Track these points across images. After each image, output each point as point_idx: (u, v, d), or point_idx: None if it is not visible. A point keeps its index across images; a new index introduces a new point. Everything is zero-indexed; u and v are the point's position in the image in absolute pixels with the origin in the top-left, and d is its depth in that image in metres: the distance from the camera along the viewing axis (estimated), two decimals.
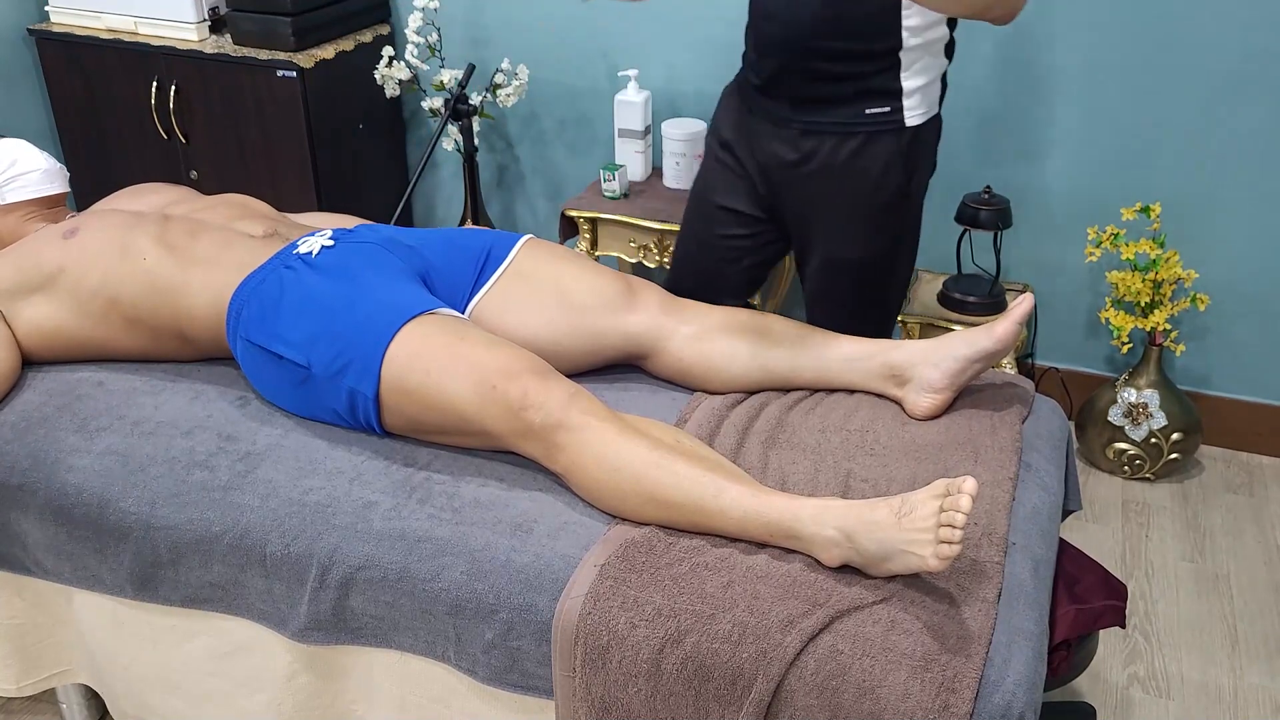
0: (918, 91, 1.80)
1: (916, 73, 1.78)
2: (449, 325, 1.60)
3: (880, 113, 1.79)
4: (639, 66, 2.86)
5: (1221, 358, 2.67)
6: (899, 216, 1.89)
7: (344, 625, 1.50)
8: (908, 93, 1.79)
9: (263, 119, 2.87)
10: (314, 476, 1.57)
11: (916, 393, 1.70)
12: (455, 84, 2.80)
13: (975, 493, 1.27)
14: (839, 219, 1.89)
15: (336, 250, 1.71)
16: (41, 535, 1.63)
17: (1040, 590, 1.44)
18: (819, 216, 1.90)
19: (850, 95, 1.78)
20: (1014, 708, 1.26)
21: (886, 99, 1.78)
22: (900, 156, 1.82)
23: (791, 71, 1.81)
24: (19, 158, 1.92)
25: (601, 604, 1.36)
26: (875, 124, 1.80)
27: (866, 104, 1.79)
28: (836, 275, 1.95)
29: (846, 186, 1.85)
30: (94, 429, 1.67)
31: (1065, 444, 1.77)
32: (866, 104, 1.79)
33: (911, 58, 1.77)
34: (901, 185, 1.85)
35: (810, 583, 1.37)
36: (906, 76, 1.78)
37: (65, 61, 3.02)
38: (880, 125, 1.80)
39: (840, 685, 1.27)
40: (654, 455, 1.45)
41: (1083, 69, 2.50)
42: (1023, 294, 1.68)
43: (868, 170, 1.83)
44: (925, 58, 1.78)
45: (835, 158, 1.83)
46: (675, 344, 1.76)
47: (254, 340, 1.66)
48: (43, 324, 1.76)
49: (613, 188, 2.74)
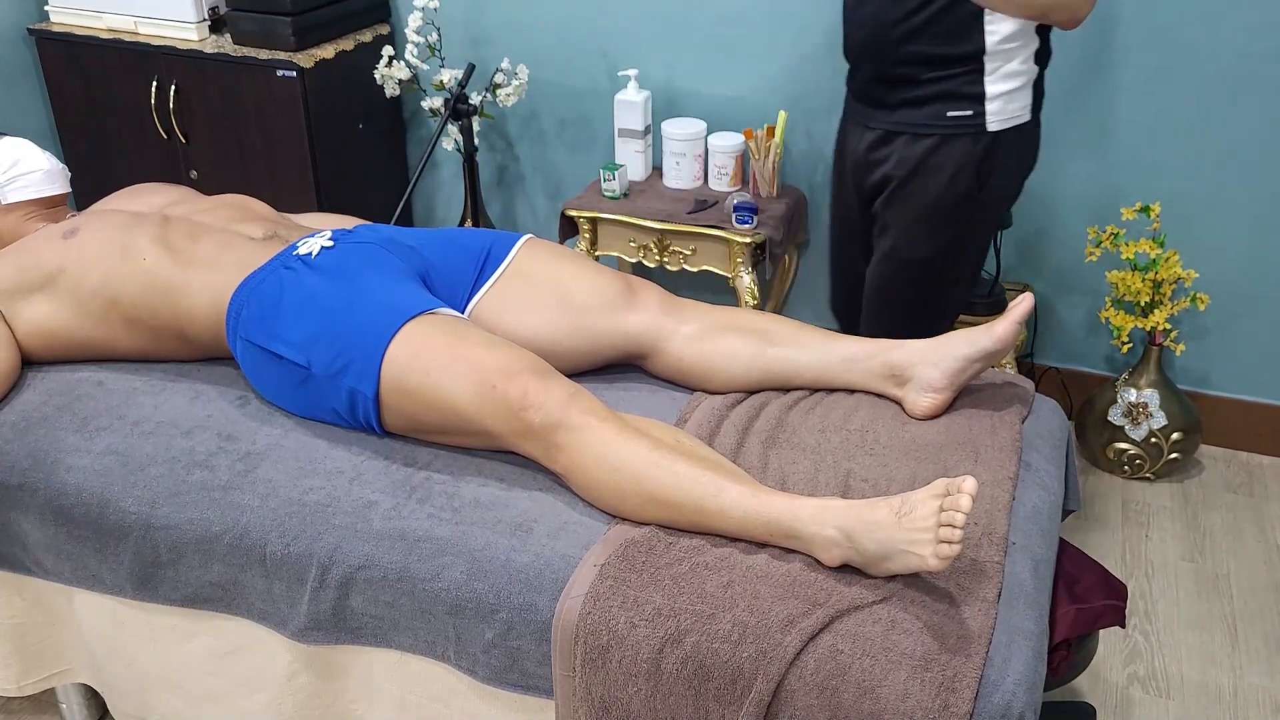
0: (1001, 96, 1.82)
1: (1001, 78, 1.80)
2: (449, 325, 1.60)
3: (961, 116, 1.83)
4: (639, 66, 2.86)
5: (1221, 358, 2.67)
6: (965, 220, 1.91)
7: (344, 625, 1.50)
8: (990, 97, 1.81)
9: (263, 119, 2.87)
10: (314, 476, 1.57)
11: (916, 392, 1.70)
12: (455, 84, 2.80)
13: (975, 492, 1.27)
14: (906, 217, 1.93)
15: (336, 251, 1.71)
16: (41, 535, 1.63)
17: (1040, 590, 1.44)
18: (890, 213, 1.95)
19: (933, 98, 1.84)
20: (1014, 707, 1.26)
21: (969, 102, 1.82)
22: (975, 160, 1.85)
23: (878, 76, 1.89)
24: (21, 157, 1.92)
25: (601, 604, 1.36)
26: (955, 126, 1.84)
27: (948, 106, 1.83)
28: (896, 272, 1.98)
29: (918, 185, 1.89)
30: (94, 429, 1.67)
31: (1065, 444, 1.77)
32: (948, 106, 1.83)
33: (996, 62, 1.79)
34: (972, 189, 1.87)
35: (810, 582, 1.37)
36: (990, 81, 1.80)
37: (65, 61, 3.03)
38: (960, 128, 1.84)
39: (840, 685, 1.27)
40: (654, 455, 1.45)
41: (1083, 69, 2.49)
42: (1023, 294, 1.68)
43: (940, 170, 1.87)
44: (1011, 63, 1.80)
45: (911, 155, 1.88)
46: (675, 344, 1.76)
47: (254, 340, 1.66)
48: (43, 324, 1.76)
49: (613, 187, 2.74)
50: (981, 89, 1.81)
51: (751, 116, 2.81)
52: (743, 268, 2.63)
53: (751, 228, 2.59)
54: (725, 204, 2.68)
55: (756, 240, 2.59)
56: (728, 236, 2.60)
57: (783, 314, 2.75)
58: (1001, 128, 1.84)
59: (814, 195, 2.86)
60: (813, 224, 2.90)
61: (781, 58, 2.74)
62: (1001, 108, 1.83)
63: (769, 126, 2.67)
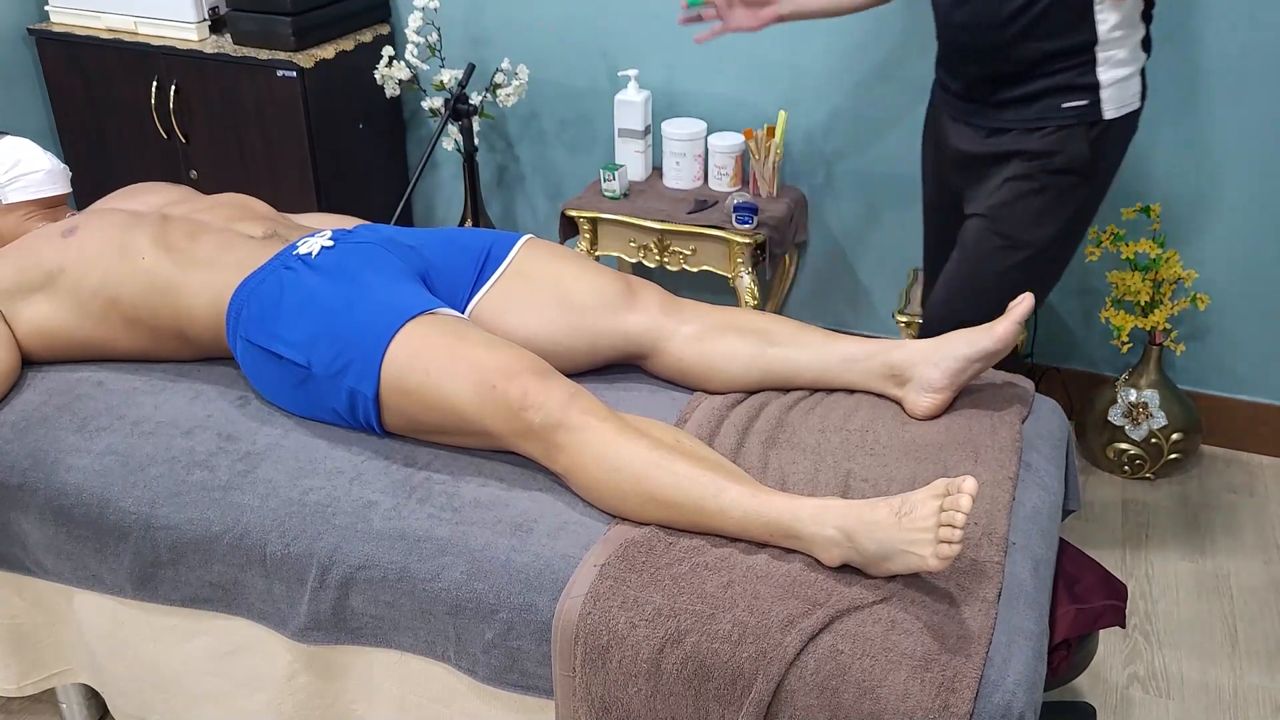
0: (1115, 85, 1.85)
1: (1114, 65, 1.83)
2: (449, 325, 1.60)
3: (1078, 106, 1.85)
4: (639, 66, 2.86)
5: (1221, 358, 2.67)
6: (1079, 204, 1.93)
7: (344, 625, 1.50)
8: (1104, 85, 1.84)
9: (263, 119, 2.87)
10: (314, 476, 1.57)
11: (916, 392, 1.70)
12: (455, 84, 2.80)
13: (975, 492, 1.27)
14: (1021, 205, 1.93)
15: (336, 251, 1.71)
16: (41, 535, 1.63)
17: (1040, 590, 1.44)
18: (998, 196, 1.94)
19: (1046, 91, 1.85)
20: (1014, 708, 1.26)
21: (1084, 93, 1.84)
22: (1090, 147, 1.87)
23: (985, 76, 1.90)
24: (23, 158, 1.91)
25: (601, 604, 1.36)
26: (1071, 117, 1.86)
27: (1063, 99, 1.85)
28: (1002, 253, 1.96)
29: (1033, 175, 1.90)
30: (94, 429, 1.67)
31: (1065, 444, 1.77)
32: (1063, 99, 1.85)
33: (1108, 51, 1.82)
34: (1088, 173, 1.89)
35: (810, 582, 1.37)
36: (1103, 70, 1.83)
37: (65, 61, 3.02)
38: (1076, 118, 1.86)
39: (840, 685, 1.27)
40: (654, 455, 1.45)
41: None
42: (1023, 294, 1.68)
43: (1056, 158, 1.88)
44: (1122, 50, 1.83)
45: (1025, 148, 1.89)
46: (675, 344, 1.76)
47: (254, 340, 1.66)
48: (43, 324, 1.76)
49: (613, 188, 2.74)
50: (1095, 79, 1.83)
51: (751, 116, 2.81)
52: (743, 268, 2.63)
53: (751, 228, 2.59)
54: (725, 204, 2.68)
55: (756, 240, 2.59)
56: (728, 236, 2.60)
57: (783, 314, 2.75)
58: (1116, 115, 1.87)
59: (814, 195, 2.86)
60: (813, 224, 2.90)
61: (781, 58, 2.74)
62: (1116, 95, 1.85)
63: (769, 126, 2.67)
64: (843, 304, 2.98)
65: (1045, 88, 1.85)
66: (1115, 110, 1.87)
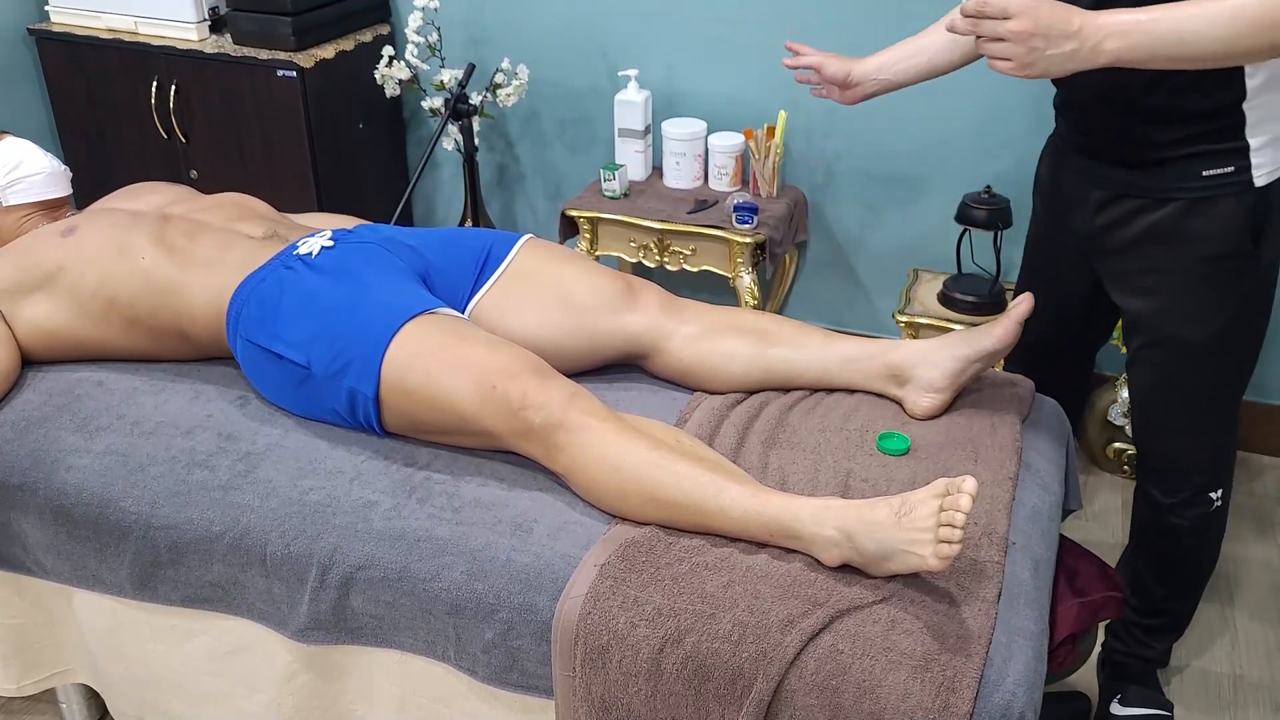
0: (1268, 147, 1.54)
1: (1265, 127, 1.53)
2: (449, 325, 1.60)
3: (1221, 174, 1.55)
4: (639, 66, 2.86)
5: None
6: (1240, 289, 1.63)
7: (344, 625, 1.50)
8: (1255, 149, 1.54)
9: (263, 119, 2.87)
10: (314, 476, 1.57)
11: (916, 393, 1.70)
12: (455, 84, 2.80)
13: (975, 492, 1.27)
14: (1167, 292, 1.65)
15: (336, 250, 1.71)
16: (41, 535, 1.63)
17: (1040, 590, 1.44)
18: (1145, 289, 1.67)
19: (1185, 156, 1.56)
20: (1014, 707, 1.26)
21: (1229, 158, 1.54)
22: (1242, 221, 1.57)
23: (1114, 131, 1.61)
24: (24, 159, 1.91)
25: (601, 604, 1.36)
26: (1214, 187, 1.56)
27: (1203, 165, 1.55)
28: (1167, 357, 1.70)
29: (1176, 254, 1.61)
30: (94, 429, 1.67)
31: (1065, 444, 1.77)
32: (1203, 165, 1.55)
33: (1258, 113, 1.52)
34: (1245, 252, 1.59)
35: (810, 582, 1.37)
36: (1253, 132, 1.53)
37: (65, 61, 3.02)
38: (1220, 189, 1.56)
39: (840, 685, 1.27)
40: (654, 455, 1.45)
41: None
42: (1023, 294, 1.68)
43: (1201, 236, 1.58)
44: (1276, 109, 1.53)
45: (1163, 223, 1.60)
46: (675, 344, 1.76)
47: (254, 340, 1.66)
48: (42, 323, 1.76)
49: (613, 187, 2.74)
50: (1244, 141, 1.53)
51: (751, 116, 2.81)
52: (743, 268, 2.63)
53: (751, 228, 2.59)
54: (725, 204, 2.68)
55: (756, 240, 2.59)
56: (728, 236, 2.60)
57: (783, 314, 2.75)
58: (1268, 181, 1.56)
59: (814, 195, 2.86)
60: (813, 224, 2.90)
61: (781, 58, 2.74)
62: (1268, 159, 1.55)
63: (769, 126, 2.67)
64: (843, 304, 2.98)
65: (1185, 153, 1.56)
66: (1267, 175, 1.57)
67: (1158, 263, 1.64)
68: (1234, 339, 1.67)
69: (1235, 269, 1.61)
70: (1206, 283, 1.62)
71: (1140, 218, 1.63)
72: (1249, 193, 1.56)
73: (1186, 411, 1.74)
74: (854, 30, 2.63)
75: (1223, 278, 1.61)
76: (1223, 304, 1.63)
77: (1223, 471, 1.81)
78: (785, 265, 2.95)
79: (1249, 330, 1.68)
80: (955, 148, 2.67)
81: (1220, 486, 1.80)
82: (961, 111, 2.63)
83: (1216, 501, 1.80)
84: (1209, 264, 1.60)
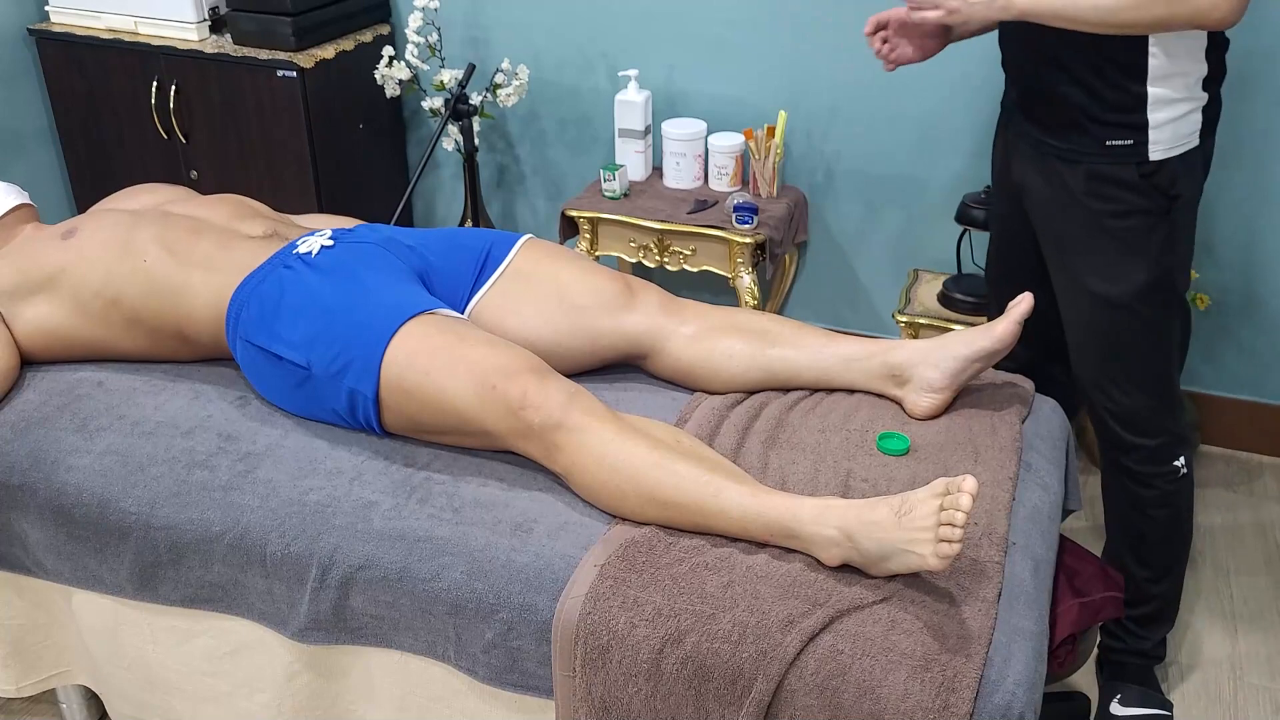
0: (1168, 125, 1.69)
1: (1163, 109, 1.69)
2: (448, 325, 1.60)
3: (1122, 145, 1.71)
4: (639, 66, 2.86)
5: (1221, 358, 2.67)
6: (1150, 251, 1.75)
7: (344, 625, 1.50)
8: (1154, 125, 1.69)
9: (263, 119, 2.87)
10: (314, 476, 1.57)
11: (916, 393, 1.70)
12: (455, 84, 2.80)
13: (975, 492, 1.27)
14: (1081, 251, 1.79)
15: (336, 250, 1.71)
16: (41, 535, 1.63)
17: (1040, 590, 1.44)
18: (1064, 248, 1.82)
19: (1095, 122, 1.72)
20: (1014, 707, 1.26)
21: (1129, 132, 1.70)
22: (1141, 191, 1.72)
23: (1038, 90, 1.77)
24: None
25: (601, 604, 1.36)
26: (1116, 156, 1.71)
27: (1109, 135, 1.71)
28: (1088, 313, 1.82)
29: (1085, 217, 1.76)
30: (94, 429, 1.67)
31: (1065, 444, 1.77)
32: (1109, 135, 1.71)
33: (1159, 92, 1.68)
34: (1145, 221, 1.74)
35: (810, 582, 1.37)
36: (1153, 109, 1.68)
37: (65, 61, 3.02)
38: (1121, 158, 1.71)
39: (840, 685, 1.27)
40: (654, 455, 1.45)
41: None
42: (1022, 294, 1.68)
43: (1106, 201, 1.74)
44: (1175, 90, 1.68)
45: (1074, 186, 1.75)
46: (675, 344, 1.76)
47: (254, 341, 1.66)
48: (43, 324, 1.76)
49: (613, 188, 2.74)
50: (1144, 117, 1.69)
51: (751, 116, 2.81)
52: (743, 268, 2.63)
53: (751, 228, 2.59)
54: (725, 204, 2.68)
55: (756, 240, 2.59)
56: (728, 237, 2.60)
57: (783, 314, 2.75)
58: (1164, 157, 1.70)
59: (814, 195, 2.86)
60: (813, 224, 2.90)
61: (781, 58, 2.74)
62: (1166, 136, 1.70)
63: (769, 126, 2.67)
64: (843, 304, 2.98)
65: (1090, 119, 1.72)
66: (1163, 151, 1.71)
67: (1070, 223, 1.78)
68: (1151, 298, 1.78)
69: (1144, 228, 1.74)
70: (1114, 244, 1.76)
71: (1059, 178, 1.78)
72: (1147, 164, 1.71)
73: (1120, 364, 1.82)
74: (854, 30, 2.63)
75: (1130, 239, 1.75)
76: (1134, 265, 1.76)
77: (1175, 433, 1.86)
78: (785, 265, 2.95)
79: (1166, 290, 1.79)
80: (955, 148, 2.67)
81: (1182, 455, 1.87)
82: (961, 111, 2.63)
83: (1182, 469, 1.87)
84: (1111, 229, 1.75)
